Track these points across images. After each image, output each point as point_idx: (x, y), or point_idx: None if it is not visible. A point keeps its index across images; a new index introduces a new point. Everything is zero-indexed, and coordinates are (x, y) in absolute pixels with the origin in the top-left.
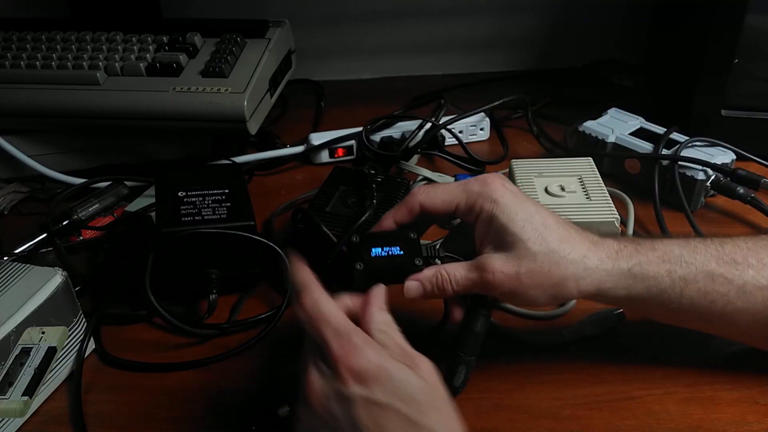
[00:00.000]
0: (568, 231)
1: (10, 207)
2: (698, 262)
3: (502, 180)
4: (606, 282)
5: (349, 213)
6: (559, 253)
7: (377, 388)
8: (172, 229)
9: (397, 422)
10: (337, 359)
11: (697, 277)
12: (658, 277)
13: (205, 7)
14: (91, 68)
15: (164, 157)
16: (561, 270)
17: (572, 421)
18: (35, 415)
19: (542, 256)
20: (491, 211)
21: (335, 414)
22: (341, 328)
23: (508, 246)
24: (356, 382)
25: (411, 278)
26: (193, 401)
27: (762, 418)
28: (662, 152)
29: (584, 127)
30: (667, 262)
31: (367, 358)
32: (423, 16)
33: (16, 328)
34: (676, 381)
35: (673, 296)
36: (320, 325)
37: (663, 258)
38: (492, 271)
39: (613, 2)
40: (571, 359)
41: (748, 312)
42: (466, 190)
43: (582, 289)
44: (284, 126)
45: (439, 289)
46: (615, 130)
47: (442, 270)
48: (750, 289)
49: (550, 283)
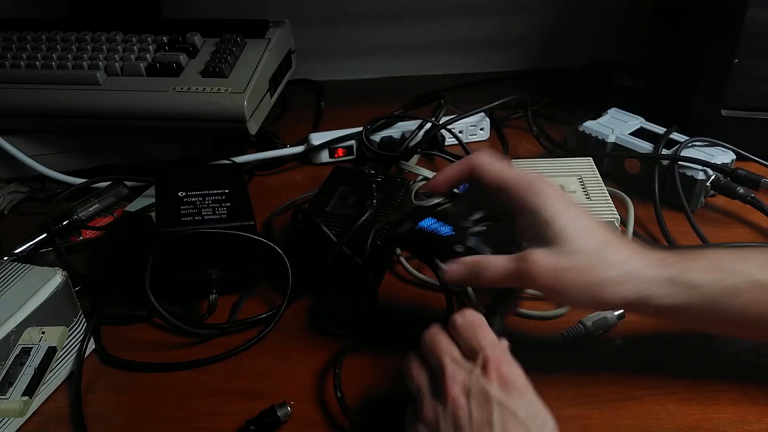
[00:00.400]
0: (612, 236)
1: (10, 207)
2: (746, 272)
3: (553, 183)
4: (648, 289)
5: (349, 213)
6: (600, 255)
7: (518, 402)
8: (172, 229)
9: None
10: (490, 360)
11: (744, 286)
12: (703, 286)
13: (205, 7)
14: (91, 68)
15: (164, 157)
16: (600, 272)
17: (572, 421)
18: (35, 415)
19: (582, 256)
20: (537, 204)
21: (471, 407)
22: (497, 342)
23: (549, 240)
24: (501, 387)
25: (451, 262)
26: (193, 401)
27: (762, 418)
28: (662, 152)
29: (584, 127)
30: (713, 271)
31: (518, 372)
32: (423, 16)
33: (16, 328)
34: (676, 381)
35: (721, 306)
36: (478, 332)
37: (709, 267)
38: (532, 261)
39: (613, 2)
40: (572, 359)
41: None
42: (519, 176)
43: (622, 295)
44: (284, 126)
45: (477, 277)
46: (615, 130)
47: (482, 258)
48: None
49: (588, 284)
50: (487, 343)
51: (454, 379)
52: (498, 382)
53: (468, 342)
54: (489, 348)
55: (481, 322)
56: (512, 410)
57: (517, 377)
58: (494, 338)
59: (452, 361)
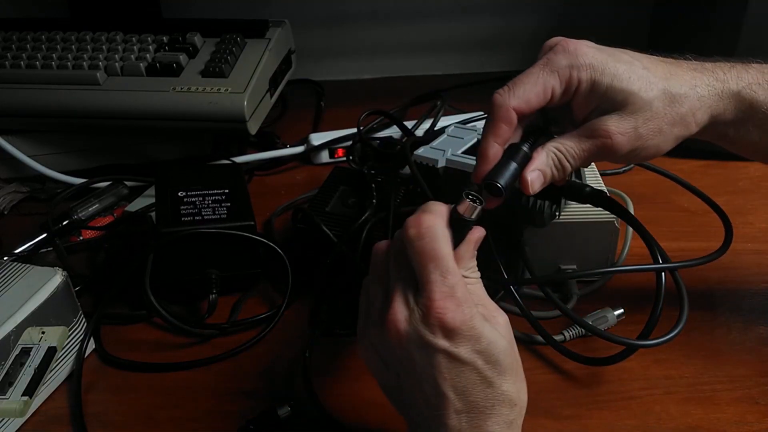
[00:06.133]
0: (668, 66)
1: (10, 207)
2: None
3: (579, 41)
4: (717, 107)
5: (349, 213)
6: (671, 91)
7: (463, 346)
8: (172, 229)
9: (475, 378)
10: (433, 309)
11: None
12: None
13: (205, 7)
14: (91, 68)
15: (164, 157)
16: (677, 108)
17: (572, 421)
18: (35, 415)
19: (657, 101)
20: (591, 78)
21: (413, 356)
22: (449, 274)
23: (619, 105)
24: (444, 336)
25: (528, 170)
26: (193, 401)
27: (762, 418)
28: None
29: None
30: None
31: (462, 318)
32: (423, 16)
33: (16, 328)
34: (676, 381)
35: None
36: (429, 259)
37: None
38: (609, 135)
39: (613, 2)
40: (571, 359)
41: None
42: (554, 70)
43: (698, 122)
44: (284, 126)
45: (560, 170)
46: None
47: (553, 149)
48: None
49: (670, 124)
50: (436, 274)
51: (396, 323)
52: (442, 333)
53: (415, 267)
54: (437, 285)
55: (435, 240)
56: (458, 356)
57: (462, 324)
58: (449, 266)
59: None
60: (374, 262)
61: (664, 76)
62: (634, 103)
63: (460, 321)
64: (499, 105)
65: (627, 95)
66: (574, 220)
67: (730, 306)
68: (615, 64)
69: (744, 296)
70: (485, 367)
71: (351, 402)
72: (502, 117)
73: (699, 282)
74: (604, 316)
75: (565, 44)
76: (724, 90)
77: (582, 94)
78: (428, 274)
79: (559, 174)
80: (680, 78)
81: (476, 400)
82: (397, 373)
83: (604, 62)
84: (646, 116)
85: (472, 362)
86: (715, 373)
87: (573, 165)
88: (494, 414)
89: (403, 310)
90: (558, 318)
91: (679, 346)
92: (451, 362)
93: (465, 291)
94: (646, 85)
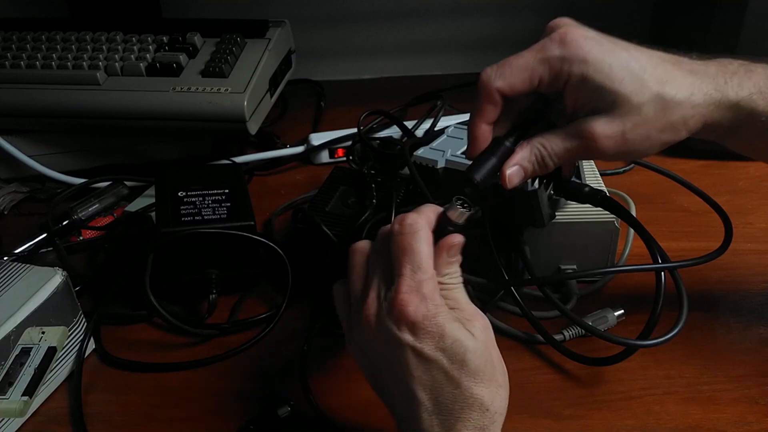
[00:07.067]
0: (667, 68)
1: (10, 207)
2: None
3: (579, 30)
4: (712, 117)
5: (349, 213)
6: (665, 97)
7: (427, 342)
8: (172, 229)
9: (442, 378)
10: (396, 301)
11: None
12: None
13: (205, 7)
14: (91, 68)
15: (164, 157)
16: (668, 115)
17: (572, 421)
18: (35, 415)
19: (647, 106)
20: (582, 73)
21: (385, 351)
22: (421, 269)
23: (608, 106)
24: (409, 331)
25: (508, 164)
26: (193, 401)
27: (762, 418)
28: None
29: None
30: None
31: (424, 313)
32: (423, 16)
33: (16, 328)
34: (676, 381)
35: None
36: (404, 254)
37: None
38: (595, 138)
39: (613, 2)
40: (571, 359)
41: None
42: (545, 59)
43: (690, 129)
44: (284, 126)
45: (541, 166)
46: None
47: (538, 145)
48: None
49: (659, 131)
50: (408, 268)
51: (368, 313)
52: (406, 326)
53: (393, 258)
54: (406, 278)
55: (415, 237)
56: (422, 351)
57: (423, 319)
58: (422, 262)
59: (376, 288)
60: (353, 263)
61: (660, 79)
62: (624, 107)
63: (422, 315)
64: (484, 83)
65: (617, 97)
66: (574, 220)
67: (730, 306)
68: (610, 62)
69: (744, 296)
70: (451, 367)
71: (351, 402)
72: (487, 97)
73: (699, 282)
74: (604, 316)
75: (563, 33)
76: (722, 100)
77: (572, 87)
78: (400, 267)
79: (540, 170)
80: (677, 83)
81: (445, 401)
82: (380, 370)
83: (600, 59)
84: (635, 121)
85: (437, 360)
86: (715, 373)
87: (555, 163)
88: (463, 418)
89: (375, 304)
90: (558, 318)
91: (679, 346)
92: (418, 359)
93: (433, 289)
94: (638, 89)
